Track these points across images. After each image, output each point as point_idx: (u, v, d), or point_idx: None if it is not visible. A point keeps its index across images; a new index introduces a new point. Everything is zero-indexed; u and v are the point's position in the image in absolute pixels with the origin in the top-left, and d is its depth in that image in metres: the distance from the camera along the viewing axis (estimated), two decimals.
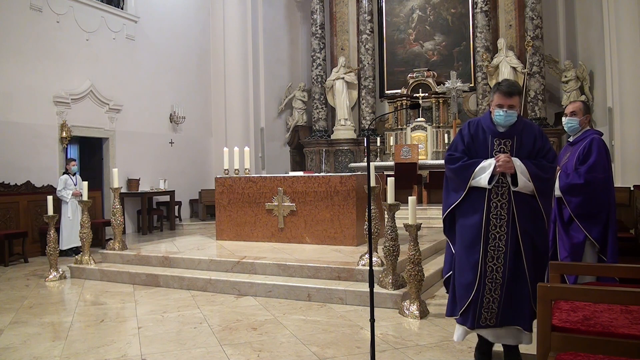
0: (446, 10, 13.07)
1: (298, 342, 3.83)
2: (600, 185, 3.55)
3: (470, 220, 3.02)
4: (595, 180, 3.54)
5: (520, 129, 3.02)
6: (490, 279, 2.97)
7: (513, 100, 2.97)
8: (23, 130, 8.71)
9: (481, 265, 2.97)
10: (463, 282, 3.03)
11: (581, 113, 3.76)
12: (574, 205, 3.58)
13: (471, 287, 2.99)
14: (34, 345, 3.90)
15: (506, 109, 2.97)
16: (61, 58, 9.41)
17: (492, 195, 2.97)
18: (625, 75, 9.06)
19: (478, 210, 2.99)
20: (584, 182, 3.53)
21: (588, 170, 3.55)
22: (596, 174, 3.55)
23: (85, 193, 6.62)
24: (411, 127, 11.93)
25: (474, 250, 2.99)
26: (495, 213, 2.96)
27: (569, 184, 3.60)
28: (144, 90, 11.25)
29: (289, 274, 5.42)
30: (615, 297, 2.07)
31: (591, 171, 3.55)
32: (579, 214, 3.57)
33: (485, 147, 3.04)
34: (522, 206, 2.96)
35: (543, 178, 2.95)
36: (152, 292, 5.54)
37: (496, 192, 2.97)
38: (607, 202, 3.58)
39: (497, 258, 2.96)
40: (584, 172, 3.55)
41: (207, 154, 13.24)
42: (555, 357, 2.00)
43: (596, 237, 3.54)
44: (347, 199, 6.46)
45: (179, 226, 11.63)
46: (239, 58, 13.21)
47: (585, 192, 3.54)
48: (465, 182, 3.01)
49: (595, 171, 3.55)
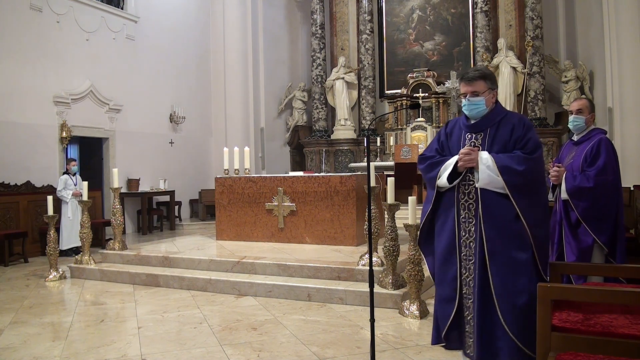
0: (446, 10, 13.07)
1: (298, 342, 3.83)
2: (609, 188, 3.43)
3: (443, 227, 2.74)
4: (605, 183, 3.42)
5: (496, 121, 2.71)
6: (465, 296, 2.65)
7: (475, 86, 2.69)
8: (23, 130, 8.70)
9: (459, 279, 2.67)
10: (442, 299, 2.73)
11: (587, 111, 3.64)
12: (582, 209, 3.45)
13: (451, 305, 2.66)
14: (34, 345, 3.90)
15: (469, 97, 2.70)
16: (61, 58, 9.41)
17: (460, 195, 2.68)
18: (625, 75, 9.06)
19: (449, 215, 2.71)
20: (594, 185, 3.40)
21: (598, 173, 3.41)
22: (606, 177, 3.42)
23: (85, 193, 6.62)
24: (411, 127, 11.92)
25: (450, 261, 2.69)
26: (464, 216, 2.67)
27: (577, 187, 3.45)
28: (144, 90, 11.25)
29: (289, 274, 5.42)
30: (616, 297, 2.07)
31: (601, 174, 3.41)
32: (587, 217, 3.44)
33: (459, 144, 2.76)
34: (490, 207, 2.60)
35: (515, 171, 2.54)
36: (152, 292, 5.54)
37: (463, 192, 2.68)
38: (615, 205, 3.47)
39: (469, 269, 2.65)
40: (593, 176, 3.41)
41: (207, 154, 13.24)
42: (555, 357, 2.00)
43: (605, 240, 3.42)
44: (347, 199, 6.46)
45: (179, 226, 11.63)
46: (239, 58, 13.21)
47: (594, 196, 3.41)
48: (433, 184, 2.77)
49: (605, 174, 3.42)
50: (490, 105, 2.75)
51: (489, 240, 2.58)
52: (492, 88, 2.74)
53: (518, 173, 2.54)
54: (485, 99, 2.71)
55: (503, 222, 2.58)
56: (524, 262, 2.55)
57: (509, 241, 2.57)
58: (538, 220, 2.59)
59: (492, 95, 2.75)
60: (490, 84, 2.74)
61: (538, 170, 2.62)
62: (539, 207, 2.63)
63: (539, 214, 2.62)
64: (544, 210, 2.67)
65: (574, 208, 3.49)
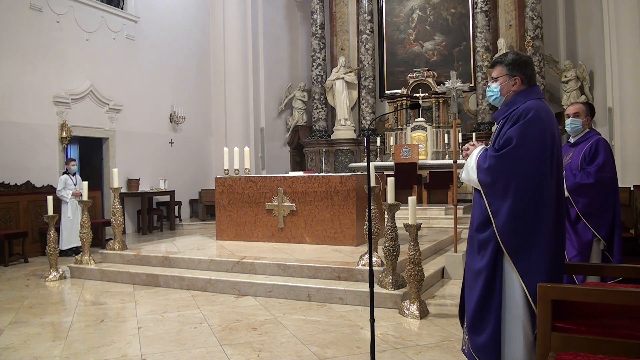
0: (446, 10, 13.07)
1: (298, 342, 3.83)
2: (607, 185, 3.62)
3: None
4: (604, 180, 3.61)
5: (507, 113, 2.50)
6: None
7: (494, 71, 2.57)
8: (23, 130, 8.70)
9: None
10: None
11: (584, 114, 3.83)
12: (582, 205, 3.62)
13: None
14: (34, 345, 3.90)
15: (490, 83, 2.61)
16: (61, 58, 9.41)
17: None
18: (625, 75, 9.06)
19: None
20: (594, 181, 3.59)
21: (598, 170, 3.61)
22: (605, 174, 3.62)
23: (85, 193, 6.62)
24: (411, 127, 11.92)
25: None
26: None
27: (577, 184, 3.63)
28: (144, 90, 11.25)
29: (289, 274, 5.42)
30: (616, 297, 2.07)
31: (601, 171, 3.61)
32: (587, 213, 3.61)
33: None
34: (474, 205, 2.58)
35: (481, 168, 2.43)
36: (152, 292, 5.54)
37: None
38: (613, 201, 3.64)
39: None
40: (594, 172, 3.61)
41: (207, 154, 13.24)
42: (555, 357, 2.00)
43: (604, 235, 3.59)
44: (347, 199, 6.46)
45: (179, 226, 11.63)
46: (239, 58, 13.21)
47: (594, 192, 3.60)
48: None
49: (604, 171, 3.62)
50: (509, 94, 2.55)
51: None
52: (510, 74, 2.51)
53: (483, 170, 2.43)
54: (501, 86, 2.55)
55: (476, 221, 2.52)
56: (476, 274, 2.48)
57: (470, 248, 2.57)
58: (499, 216, 2.38)
59: (513, 83, 2.51)
60: (509, 70, 2.51)
61: (505, 169, 2.37)
62: (516, 213, 2.35)
63: (516, 219, 2.36)
64: (529, 215, 2.36)
65: (574, 204, 3.66)
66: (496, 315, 2.41)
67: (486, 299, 2.42)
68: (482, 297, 2.42)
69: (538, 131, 2.36)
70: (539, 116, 2.38)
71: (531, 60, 2.60)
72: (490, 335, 2.41)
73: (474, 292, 2.47)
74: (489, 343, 2.41)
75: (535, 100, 2.47)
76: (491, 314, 2.41)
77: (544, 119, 2.40)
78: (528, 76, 2.52)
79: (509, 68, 2.51)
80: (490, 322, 2.41)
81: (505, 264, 2.42)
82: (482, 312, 2.43)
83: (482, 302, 2.43)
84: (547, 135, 2.39)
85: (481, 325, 2.44)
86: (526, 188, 2.35)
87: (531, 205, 2.35)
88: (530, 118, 2.37)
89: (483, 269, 2.43)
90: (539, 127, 2.37)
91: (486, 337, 2.42)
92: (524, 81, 2.51)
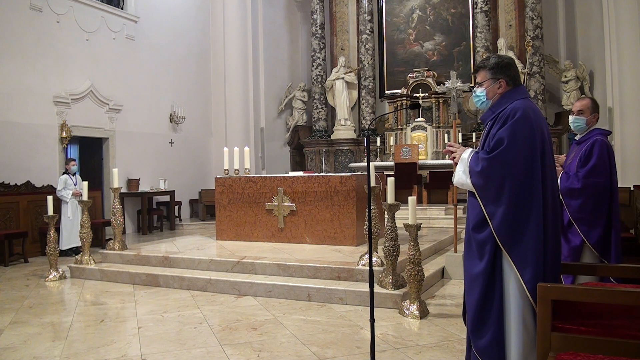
0: (446, 10, 13.07)
1: (298, 342, 3.83)
2: (600, 190, 3.45)
3: None
4: (595, 184, 3.44)
5: (495, 114, 2.52)
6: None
7: (478, 77, 2.61)
8: (23, 130, 8.70)
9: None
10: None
11: (589, 112, 3.62)
12: (572, 209, 3.50)
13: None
14: (34, 345, 3.90)
15: (475, 88, 2.65)
16: (61, 58, 9.41)
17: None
18: (625, 75, 9.07)
19: None
20: (582, 186, 3.44)
21: (586, 175, 3.45)
22: (595, 179, 3.44)
23: (85, 193, 6.62)
24: (411, 127, 11.93)
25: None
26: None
27: (568, 188, 3.51)
28: (144, 90, 11.25)
29: (289, 274, 5.42)
30: (616, 297, 2.06)
31: (589, 175, 3.44)
32: (578, 218, 3.48)
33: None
34: (469, 206, 2.58)
35: (474, 172, 2.45)
36: (152, 292, 5.54)
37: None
38: (607, 207, 3.47)
39: None
40: (582, 177, 3.46)
41: (207, 154, 13.24)
42: (555, 357, 2.00)
43: (594, 242, 3.44)
44: (347, 199, 6.47)
45: (179, 226, 11.63)
46: (239, 58, 13.21)
47: (584, 196, 3.45)
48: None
49: (594, 175, 3.44)
50: (495, 97, 2.57)
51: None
52: (494, 78, 2.54)
53: (475, 173, 2.45)
54: (486, 90, 2.58)
55: (471, 223, 2.54)
56: (475, 276, 2.47)
57: (468, 250, 2.57)
58: (496, 219, 2.40)
59: (498, 86, 2.54)
60: (492, 74, 2.54)
61: (498, 170, 2.38)
62: (511, 213, 2.37)
63: (498, 214, 2.39)
64: (523, 217, 2.37)
65: (566, 208, 3.54)
66: (498, 317, 2.41)
67: (487, 300, 2.43)
68: (483, 298, 2.43)
69: (527, 131, 2.39)
70: (527, 116, 2.41)
71: (513, 61, 2.62)
72: (492, 337, 2.42)
73: (474, 294, 2.47)
74: (491, 345, 2.41)
75: (521, 100, 2.50)
76: (492, 316, 2.42)
77: (532, 118, 2.42)
78: (512, 77, 2.56)
79: (493, 72, 2.55)
80: (492, 324, 2.42)
81: (505, 265, 2.42)
82: (483, 314, 2.43)
83: (482, 304, 2.44)
84: (537, 134, 2.41)
85: (483, 328, 2.44)
86: (519, 187, 2.38)
87: (526, 203, 2.38)
88: (519, 118, 2.39)
89: (482, 271, 2.44)
90: (528, 127, 2.39)
91: (489, 339, 2.42)
92: (509, 82, 2.55)
